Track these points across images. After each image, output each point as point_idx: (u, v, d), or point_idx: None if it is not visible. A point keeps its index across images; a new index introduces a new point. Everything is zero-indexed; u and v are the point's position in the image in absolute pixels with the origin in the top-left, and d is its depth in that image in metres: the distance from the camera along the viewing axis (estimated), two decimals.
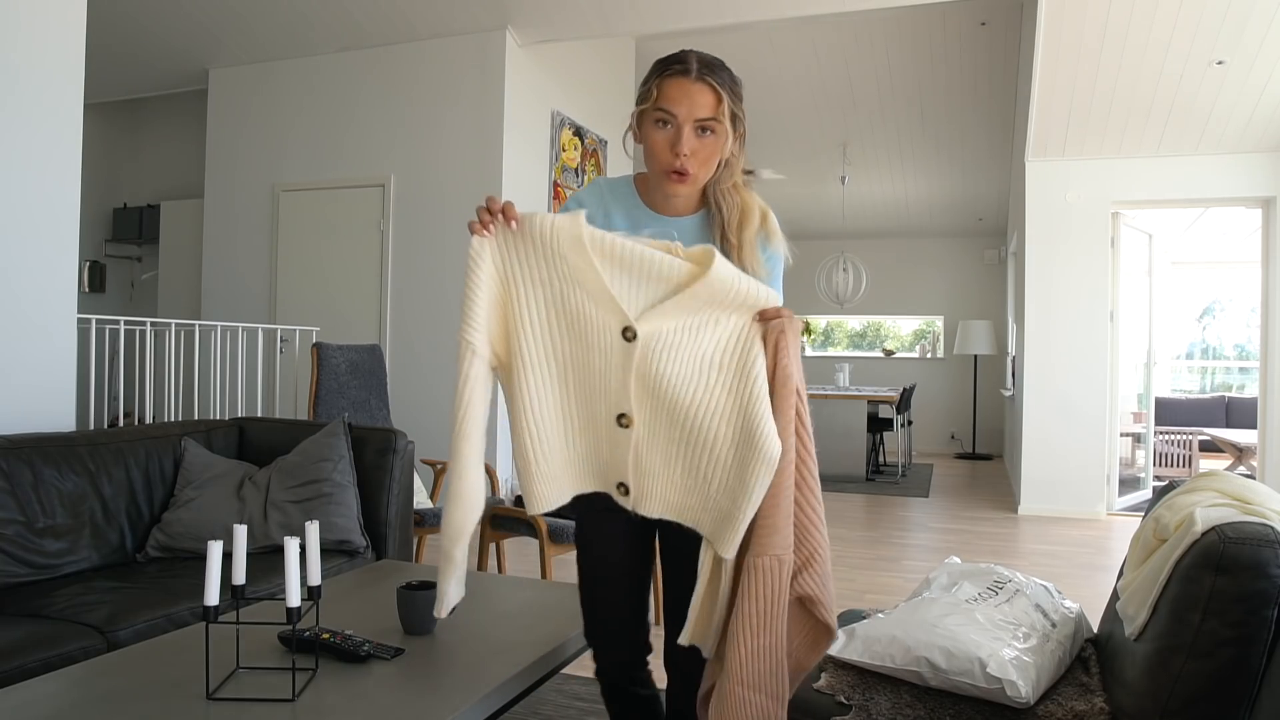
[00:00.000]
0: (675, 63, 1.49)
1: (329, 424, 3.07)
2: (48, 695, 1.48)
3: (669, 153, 1.48)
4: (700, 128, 1.47)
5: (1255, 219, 6.55)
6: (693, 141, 1.47)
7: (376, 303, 5.67)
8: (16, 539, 2.38)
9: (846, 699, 1.61)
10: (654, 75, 1.51)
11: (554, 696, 2.60)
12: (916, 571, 4.43)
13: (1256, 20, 4.69)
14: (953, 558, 2.16)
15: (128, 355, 4.46)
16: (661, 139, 1.49)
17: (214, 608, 1.43)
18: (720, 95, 1.46)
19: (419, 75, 5.58)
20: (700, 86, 1.46)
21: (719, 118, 1.47)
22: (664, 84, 1.48)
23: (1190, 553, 1.38)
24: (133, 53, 6.05)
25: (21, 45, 2.95)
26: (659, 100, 1.48)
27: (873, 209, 9.87)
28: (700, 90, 1.46)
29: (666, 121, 1.48)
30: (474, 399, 1.45)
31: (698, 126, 1.47)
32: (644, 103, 1.51)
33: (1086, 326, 6.12)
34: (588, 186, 1.67)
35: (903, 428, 8.35)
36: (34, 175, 3.01)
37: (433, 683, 1.58)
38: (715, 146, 1.49)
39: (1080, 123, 5.76)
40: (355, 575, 2.37)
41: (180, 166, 7.07)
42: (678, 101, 1.46)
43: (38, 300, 3.02)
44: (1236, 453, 7.80)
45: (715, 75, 1.47)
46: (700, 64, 1.48)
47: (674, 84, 1.47)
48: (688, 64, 1.47)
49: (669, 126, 1.48)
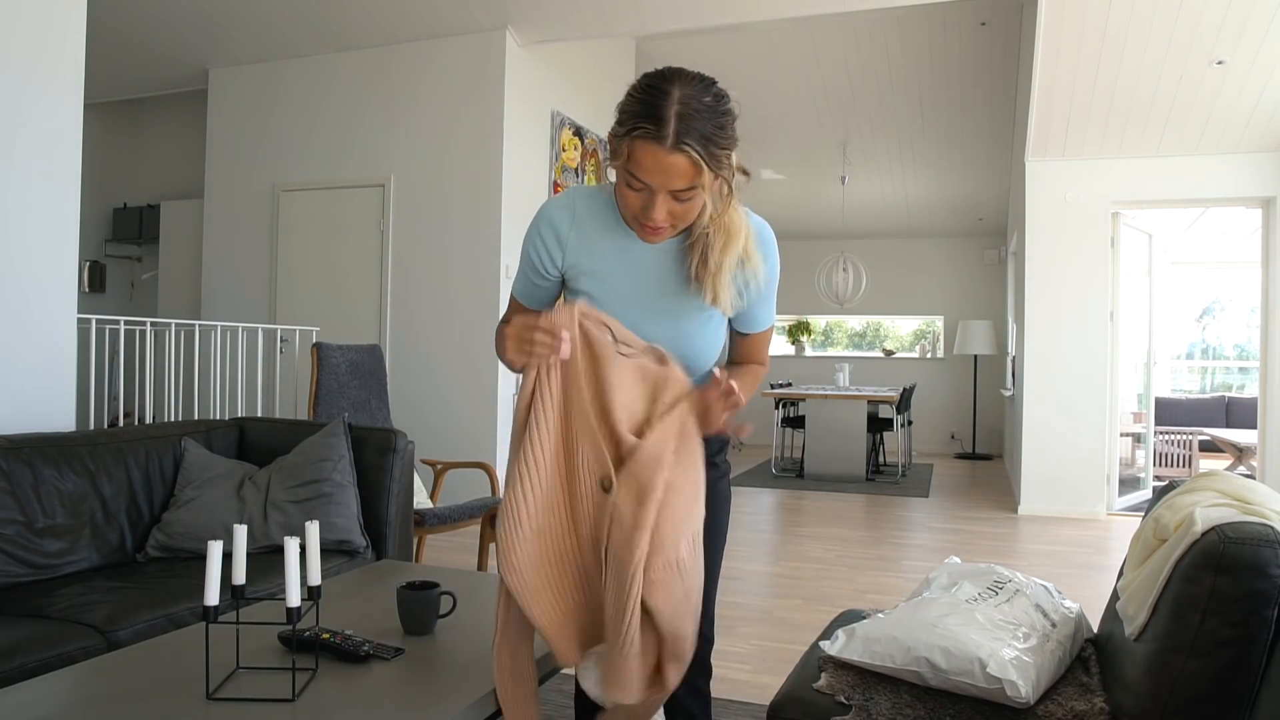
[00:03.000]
0: (649, 121, 1.28)
1: (329, 424, 3.07)
2: (48, 695, 1.48)
3: (638, 211, 1.37)
4: (676, 196, 1.34)
5: (1255, 219, 6.56)
6: (667, 207, 1.34)
7: (376, 303, 5.67)
8: (16, 539, 2.38)
9: (846, 699, 1.60)
10: (627, 130, 1.31)
11: (554, 696, 2.60)
12: (916, 571, 4.43)
13: (1256, 20, 4.69)
14: (953, 558, 2.16)
15: (128, 355, 4.45)
16: (634, 200, 1.36)
17: (214, 608, 1.43)
18: (699, 165, 1.30)
19: (419, 75, 5.58)
20: (675, 159, 1.29)
21: (697, 185, 1.32)
22: (635, 148, 1.30)
23: (1190, 553, 1.38)
24: (133, 53, 6.05)
25: (21, 45, 2.95)
26: (630, 164, 1.32)
27: (873, 209, 9.87)
28: (675, 162, 1.29)
29: (639, 189, 1.34)
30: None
31: (673, 195, 1.33)
32: (617, 157, 1.35)
33: (1086, 326, 6.12)
34: (559, 198, 1.53)
35: (903, 428, 8.35)
36: (34, 175, 3.01)
37: (433, 683, 1.58)
38: (694, 207, 1.37)
39: (1080, 123, 5.76)
40: (355, 575, 2.36)
41: (180, 166, 7.08)
42: (650, 173, 1.30)
43: (38, 300, 3.02)
44: (1236, 453, 7.80)
45: (694, 141, 1.28)
46: (678, 128, 1.28)
47: (646, 152, 1.29)
48: (663, 129, 1.27)
49: (642, 192, 1.34)
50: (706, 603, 1.54)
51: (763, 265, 1.49)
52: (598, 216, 1.49)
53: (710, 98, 1.32)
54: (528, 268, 1.54)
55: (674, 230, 1.41)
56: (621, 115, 1.34)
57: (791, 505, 6.62)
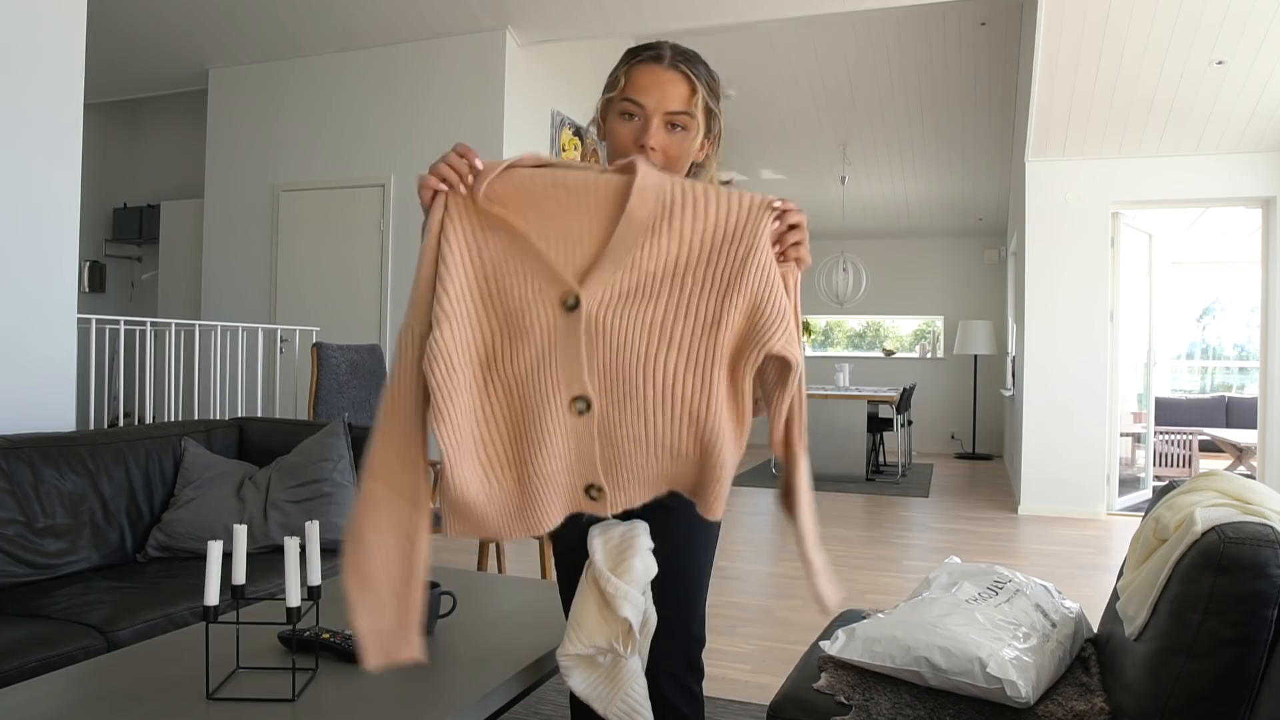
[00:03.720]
0: (647, 50, 1.36)
1: (329, 424, 3.07)
2: (48, 695, 1.48)
3: (634, 147, 1.35)
4: (670, 122, 1.35)
5: (1255, 219, 6.55)
6: (661, 135, 1.35)
7: (376, 303, 5.67)
8: (16, 539, 2.38)
9: (846, 699, 1.60)
10: (623, 63, 1.38)
11: (554, 696, 2.60)
12: (916, 571, 4.43)
13: (1256, 20, 4.69)
14: (953, 558, 2.16)
15: (128, 355, 4.45)
16: (626, 131, 1.36)
17: (214, 608, 1.43)
18: (695, 86, 1.35)
19: (419, 75, 5.58)
20: (673, 75, 1.34)
21: (691, 111, 1.35)
22: (633, 72, 1.36)
23: (1190, 553, 1.38)
24: (133, 53, 6.05)
25: (21, 45, 2.95)
26: (626, 89, 1.35)
27: (873, 209, 9.88)
28: (673, 79, 1.34)
29: (633, 114, 1.35)
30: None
31: (667, 120, 1.35)
32: (610, 91, 1.38)
33: (1086, 326, 6.12)
34: None
35: (903, 428, 8.34)
36: (34, 175, 3.01)
37: (433, 683, 1.58)
38: (686, 143, 1.37)
39: (1080, 123, 5.77)
40: None
41: (180, 166, 7.08)
42: (647, 91, 1.34)
43: (38, 300, 3.02)
44: (1236, 453, 7.80)
45: (691, 65, 1.36)
46: (675, 53, 1.36)
47: (644, 71, 1.35)
48: (660, 51, 1.36)
49: (635, 119, 1.35)
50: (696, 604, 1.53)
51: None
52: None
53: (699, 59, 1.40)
54: None
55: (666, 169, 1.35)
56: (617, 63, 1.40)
57: None
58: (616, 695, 1.38)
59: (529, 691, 1.73)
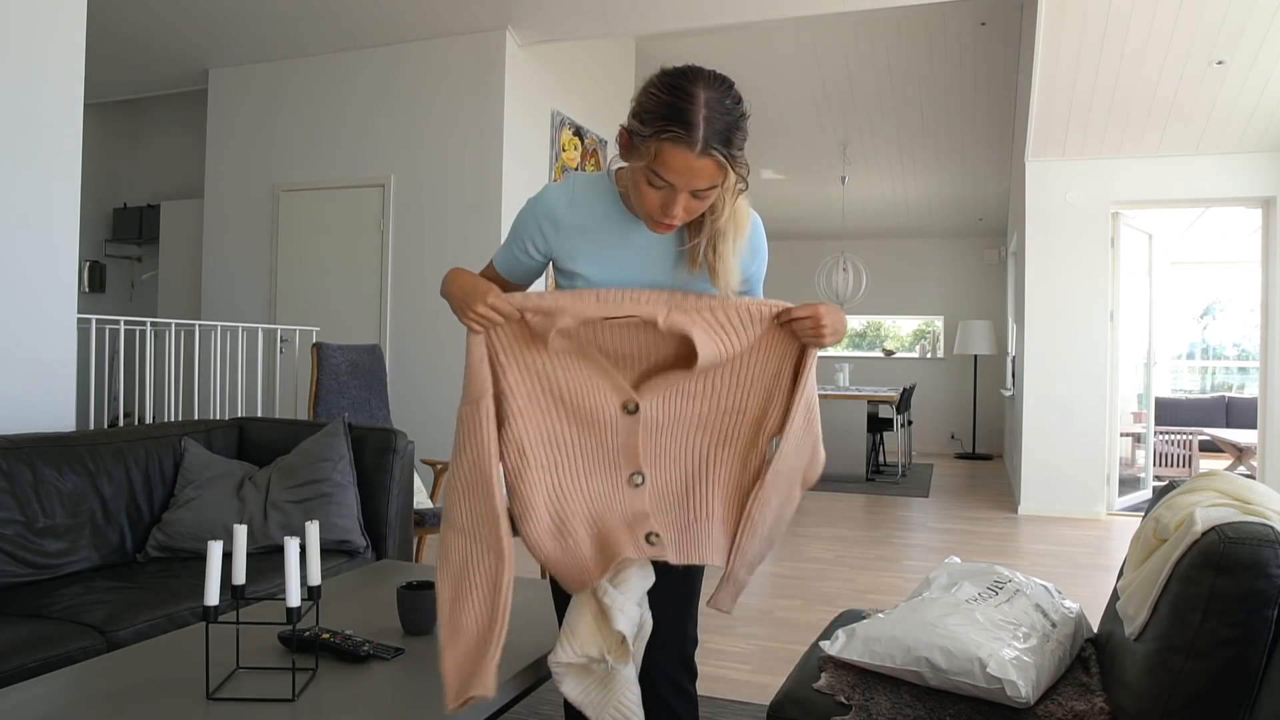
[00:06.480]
0: (679, 125, 1.30)
1: (329, 424, 3.07)
2: (48, 695, 1.48)
3: (657, 209, 1.38)
4: (695, 194, 1.36)
5: (1255, 219, 6.56)
6: (685, 204, 1.37)
7: (376, 303, 5.67)
8: (16, 539, 2.38)
9: (846, 699, 1.60)
10: (655, 131, 1.32)
11: (554, 696, 2.59)
12: (916, 571, 4.43)
13: (1256, 20, 4.69)
14: (953, 558, 2.16)
15: (128, 355, 4.45)
16: (653, 197, 1.37)
17: (214, 608, 1.43)
18: (724, 167, 1.33)
19: (419, 75, 5.57)
20: (703, 162, 1.31)
21: (717, 184, 1.36)
22: (664, 151, 1.31)
23: (1190, 553, 1.38)
24: (133, 53, 6.05)
25: (21, 45, 2.95)
26: (655, 164, 1.33)
27: (873, 209, 9.87)
28: (703, 165, 1.32)
29: (660, 186, 1.35)
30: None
31: (693, 193, 1.36)
32: (639, 157, 1.35)
33: (1086, 326, 6.12)
34: (560, 182, 1.57)
35: (903, 428, 8.35)
36: (34, 175, 3.01)
37: (433, 683, 1.57)
38: (708, 202, 1.40)
39: (1080, 123, 5.76)
40: (355, 575, 2.36)
41: (180, 166, 7.07)
42: (677, 174, 1.32)
43: (38, 300, 3.02)
44: (1236, 453, 7.80)
45: (721, 146, 1.32)
46: (706, 133, 1.30)
47: (676, 154, 1.31)
48: (693, 134, 1.30)
49: (662, 190, 1.36)
50: (692, 604, 1.57)
51: (760, 252, 1.56)
52: (598, 203, 1.52)
53: (730, 100, 1.35)
54: (515, 242, 1.60)
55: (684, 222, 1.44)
56: (644, 114, 1.35)
57: None
58: (609, 702, 1.41)
59: (528, 692, 1.73)
